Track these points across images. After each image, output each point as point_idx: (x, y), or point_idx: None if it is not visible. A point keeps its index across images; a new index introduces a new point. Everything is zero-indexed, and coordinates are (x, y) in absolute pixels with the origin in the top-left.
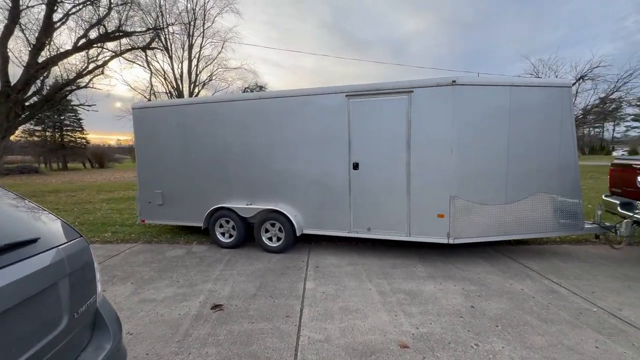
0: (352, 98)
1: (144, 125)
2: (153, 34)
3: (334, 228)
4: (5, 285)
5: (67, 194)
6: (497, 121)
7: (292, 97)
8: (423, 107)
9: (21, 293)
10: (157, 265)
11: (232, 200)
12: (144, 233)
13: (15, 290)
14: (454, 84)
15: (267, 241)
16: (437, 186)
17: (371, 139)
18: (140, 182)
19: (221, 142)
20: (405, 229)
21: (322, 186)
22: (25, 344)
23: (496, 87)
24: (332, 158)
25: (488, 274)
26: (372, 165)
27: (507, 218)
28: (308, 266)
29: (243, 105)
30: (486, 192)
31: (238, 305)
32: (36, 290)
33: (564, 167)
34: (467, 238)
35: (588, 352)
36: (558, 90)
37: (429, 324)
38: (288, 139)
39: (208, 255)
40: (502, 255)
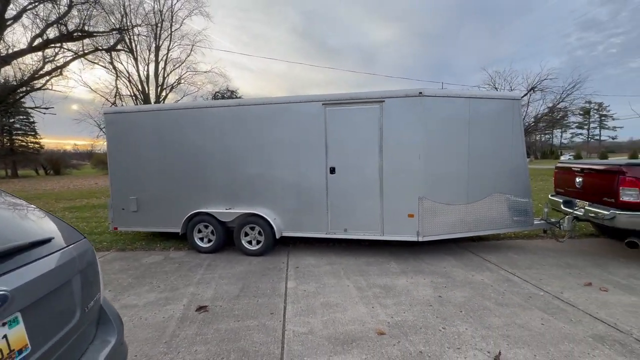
0: (329, 106)
1: (117, 130)
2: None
3: (312, 230)
4: (35, 278)
5: None
6: (459, 129)
7: (272, 105)
8: (393, 115)
9: (47, 286)
10: (135, 272)
11: (210, 205)
12: (116, 241)
13: (43, 283)
14: (420, 95)
15: (246, 245)
16: (407, 188)
17: (346, 144)
18: (113, 188)
19: (199, 148)
20: (379, 228)
21: (301, 190)
22: (49, 333)
23: (457, 98)
24: (310, 163)
25: (453, 267)
26: (347, 170)
27: (469, 217)
28: (288, 267)
29: (223, 111)
30: (450, 194)
31: (223, 306)
32: (57, 284)
33: (515, 170)
34: (435, 235)
35: (535, 328)
36: (509, 102)
37: (403, 313)
38: (267, 144)
39: (187, 260)
40: (465, 251)
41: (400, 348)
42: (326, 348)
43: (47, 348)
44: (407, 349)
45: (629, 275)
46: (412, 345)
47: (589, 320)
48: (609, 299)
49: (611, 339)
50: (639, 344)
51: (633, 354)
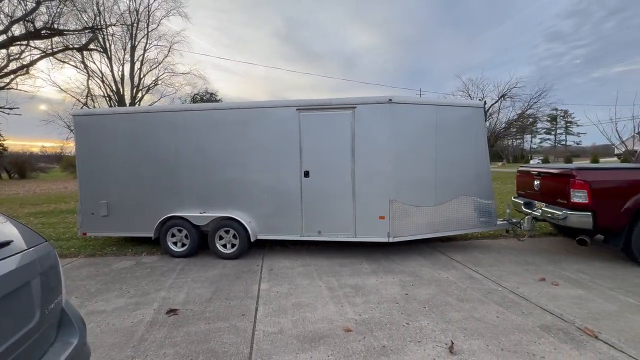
0: (303, 111)
1: (87, 133)
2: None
3: (287, 232)
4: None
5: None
6: (426, 135)
7: (247, 109)
8: (365, 121)
9: (4, 287)
10: (104, 278)
11: (184, 209)
12: (85, 247)
13: (0, 284)
14: (390, 102)
15: (221, 248)
16: (378, 191)
17: (320, 149)
18: (82, 192)
19: (174, 152)
20: (351, 230)
21: (276, 193)
22: (6, 334)
23: (425, 105)
24: (284, 166)
25: (422, 266)
26: (321, 174)
27: (437, 218)
28: (262, 269)
29: (198, 115)
30: (419, 196)
31: (194, 309)
32: (15, 286)
33: (479, 174)
34: (405, 236)
35: (490, 321)
36: (473, 110)
37: (370, 311)
38: (242, 148)
39: (159, 265)
40: (434, 251)
41: (365, 343)
42: (294, 346)
43: (4, 348)
44: (371, 343)
45: (578, 270)
46: (376, 340)
47: (539, 312)
48: (558, 292)
49: (556, 328)
50: (579, 332)
51: (574, 340)
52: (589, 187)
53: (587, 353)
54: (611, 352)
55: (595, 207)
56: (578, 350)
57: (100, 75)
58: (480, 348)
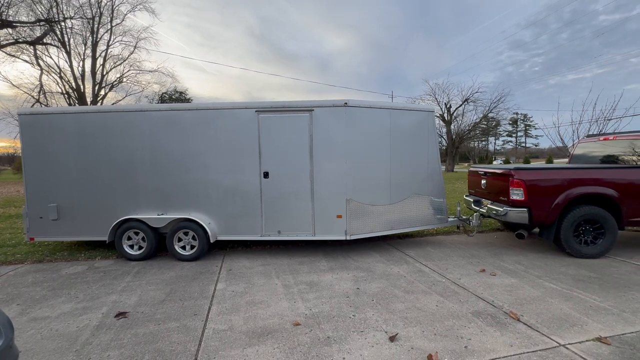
0: (262, 113)
1: (34, 133)
2: (45, 28)
3: (247, 233)
4: None
5: None
6: (381, 137)
7: (206, 110)
8: (322, 123)
9: None
10: (51, 284)
11: (141, 211)
12: (32, 252)
13: None
14: (346, 105)
15: (180, 250)
16: (336, 191)
17: (279, 150)
18: (29, 195)
19: (129, 153)
20: (310, 229)
21: (235, 194)
22: None
23: (379, 109)
24: (244, 168)
25: (377, 262)
26: (280, 174)
27: (392, 216)
28: (221, 270)
29: (154, 115)
30: (374, 195)
31: (145, 312)
32: None
33: (431, 174)
34: (361, 234)
35: (430, 309)
36: (425, 114)
37: (321, 305)
38: (202, 149)
39: (113, 269)
40: (391, 247)
41: (311, 336)
42: (242, 341)
43: None
44: (317, 335)
45: (516, 261)
46: (322, 332)
47: (474, 299)
48: (495, 281)
49: (486, 313)
50: (505, 316)
51: (498, 323)
52: (525, 185)
53: (507, 334)
54: (528, 332)
55: (530, 204)
56: (500, 331)
57: (58, 71)
58: (416, 334)
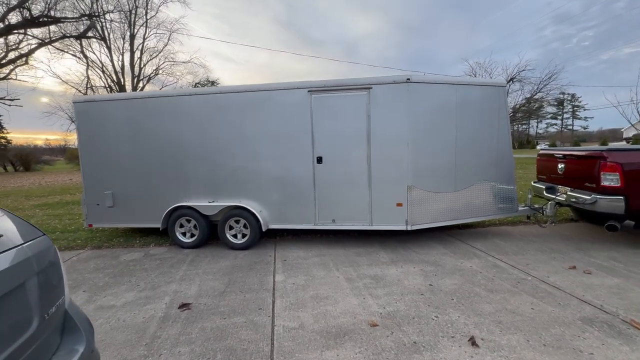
0: (315, 94)
1: (88, 121)
2: (89, 22)
3: (300, 221)
4: None
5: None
6: (446, 117)
7: (255, 92)
8: (381, 102)
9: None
10: (112, 271)
11: (192, 199)
12: (91, 239)
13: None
14: (408, 81)
15: (231, 238)
16: (396, 177)
17: (333, 133)
18: (86, 183)
19: (179, 139)
20: (367, 218)
21: (287, 181)
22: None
23: (445, 85)
24: (296, 153)
25: (442, 255)
26: (335, 159)
27: (456, 204)
28: (276, 260)
29: (202, 99)
30: (438, 182)
31: (207, 304)
32: (7, 288)
33: (500, 157)
34: (423, 224)
35: (526, 313)
36: (495, 89)
37: (394, 303)
38: (251, 134)
39: (169, 256)
40: (452, 238)
41: (394, 339)
42: (318, 343)
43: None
44: (401, 339)
45: (610, 257)
46: (406, 335)
47: (576, 303)
48: (593, 281)
49: (599, 320)
50: (625, 325)
51: (621, 334)
52: (622, 170)
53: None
54: None
55: (628, 191)
56: (629, 345)
57: (101, 66)
58: (520, 343)
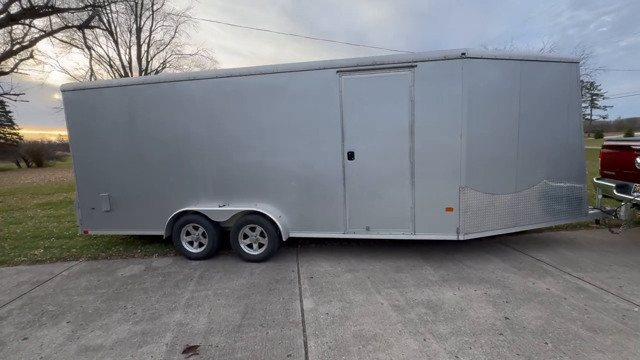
0: (345, 74)
1: (79, 111)
2: (91, 12)
3: (327, 229)
4: None
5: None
6: (508, 100)
7: (272, 75)
8: (428, 83)
9: None
10: (106, 292)
11: (200, 202)
12: (87, 247)
13: None
14: (463, 57)
15: (246, 249)
16: (445, 176)
17: (368, 123)
18: (80, 184)
19: (183, 131)
20: (409, 226)
21: (312, 181)
22: None
23: (507, 61)
24: (322, 147)
25: (503, 272)
26: (369, 154)
27: (517, 208)
28: (300, 277)
29: (210, 85)
30: (497, 181)
31: (220, 345)
32: None
33: (570, 150)
34: (477, 232)
35: None
36: (567, 66)
37: (469, 349)
38: (268, 125)
39: (174, 270)
40: (508, 248)
41: None
42: None
43: None
44: None
45: None
46: None
47: None
48: None
49: None
50: None
51: None
52: None
53: None
54: None
55: None
56: None
57: (108, 60)
58: None
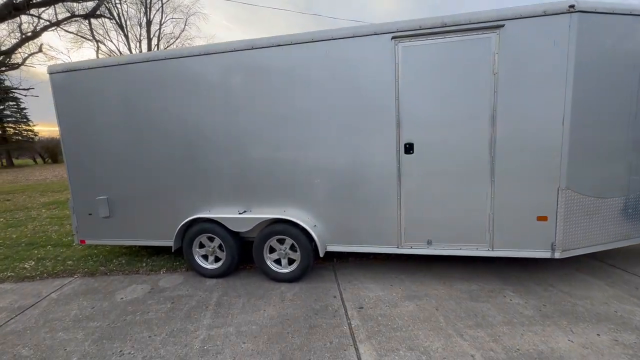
0: (403, 41)
1: (71, 97)
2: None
3: (375, 242)
4: None
5: (2, 197)
6: (627, 70)
7: (307, 44)
8: (519, 50)
9: None
10: (99, 326)
11: (215, 207)
12: (85, 258)
13: None
14: (571, 10)
15: (273, 265)
16: (538, 174)
17: (433, 105)
18: (73, 184)
19: (194, 121)
20: (485, 239)
21: (356, 180)
22: None
23: (631, 16)
24: (370, 137)
25: (620, 302)
26: (433, 147)
27: (629, 215)
28: (346, 306)
29: (227, 60)
30: (606, 180)
31: None
32: None
33: None
34: (580, 249)
35: None
36: None
37: None
38: (301, 111)
39: (185, 293)
40: (603, 264)
41: None
42: None
43: None
44: None
45: None
46: None
47: None
48: None
49: None
50: None
51: None
52: None
53: None
54: None
55: None
56: None
57: (118, 54)
58: None
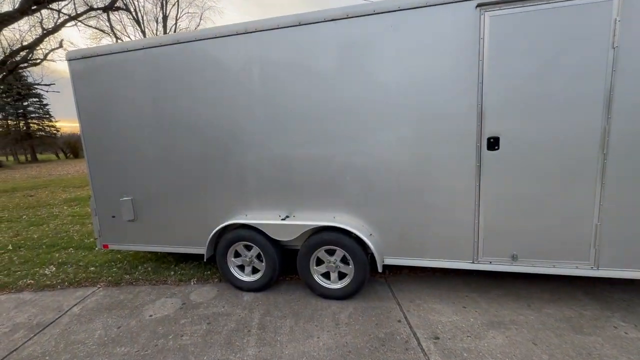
0: (492, 9)
1: (91, 87)
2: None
3: (445, 256)
4: None
5: (26, 192)
6: None
7: (364, 17)
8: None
9: None
10: (127, 352)
11: (253, 212)
12: (109, 264)
13: None
14: None
15: (321, 280)
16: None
17: (526, 90)
18: (95, 184)
19: (231, 114)
20: (587, 255)
21: (423, 182)
22: None
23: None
24: (443, 130)
25: None
26: (525, 142)
27: None
28: (417, 337)
29: (267, 40)
30: None
31: None
32: None
33: None
34: None
35: None
36: None
37: None
38: (355, 100)
39: (221, 311)
40: None
41: None
42: None
43: None
44: None
45: None
46: None
47: None
48: None
49: None
50: None
51: None
52: None
53: None
54: None
55: None
56: None
57: None
58: None
